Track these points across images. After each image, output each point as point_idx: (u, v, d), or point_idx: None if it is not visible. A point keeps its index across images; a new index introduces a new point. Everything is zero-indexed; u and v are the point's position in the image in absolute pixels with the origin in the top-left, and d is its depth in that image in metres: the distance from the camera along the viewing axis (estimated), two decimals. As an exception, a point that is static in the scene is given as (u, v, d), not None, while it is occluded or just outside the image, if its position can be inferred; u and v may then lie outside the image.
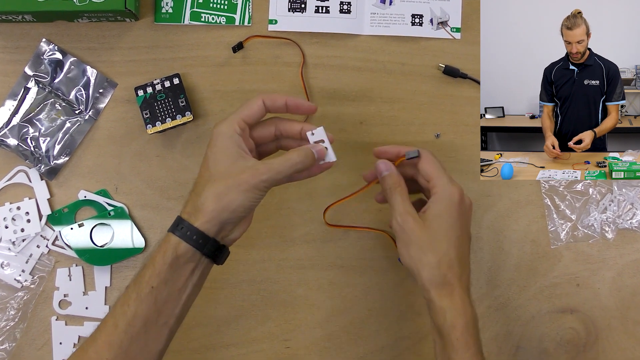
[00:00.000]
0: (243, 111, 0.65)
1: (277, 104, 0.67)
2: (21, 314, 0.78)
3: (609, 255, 0.82)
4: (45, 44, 0.79)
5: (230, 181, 0.61)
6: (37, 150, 0.78)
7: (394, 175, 0.68)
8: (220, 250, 0.63)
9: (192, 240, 0.61)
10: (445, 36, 0.82)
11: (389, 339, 0.81)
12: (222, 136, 0.63)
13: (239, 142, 0.64)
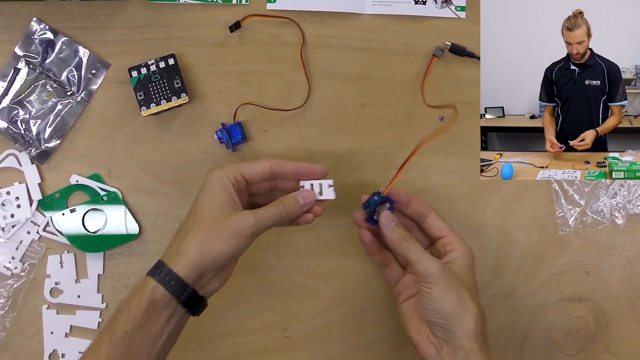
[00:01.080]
0: (245, 167, 0.65)
1: (286, 170, 0.67)
2: (11, 302, 0.76)
3: (619, 241, 0.81)
4: (35, 23, 0.77)
5: (215, 227, 0.61)
6: (27, 133, 0.76)
7: (400, 226, 0.67)
8: (197, 301, 0.62)
9: (170, 286, 0.60)
10: (450, 15, 0.79)
11: (391, 329, 0.79)
12: (214, 182, 0.64)
13: (231, 191, 0.64)
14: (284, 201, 0.65)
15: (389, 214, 0.67)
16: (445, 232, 0.67)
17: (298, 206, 0.65)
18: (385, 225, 0.67)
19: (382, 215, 0.67)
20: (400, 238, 0.65)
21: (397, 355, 0.79)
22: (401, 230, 0.66)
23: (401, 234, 0.66)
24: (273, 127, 0.78)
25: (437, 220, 0.68)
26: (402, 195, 0.69)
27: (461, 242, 0.66)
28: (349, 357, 0.79)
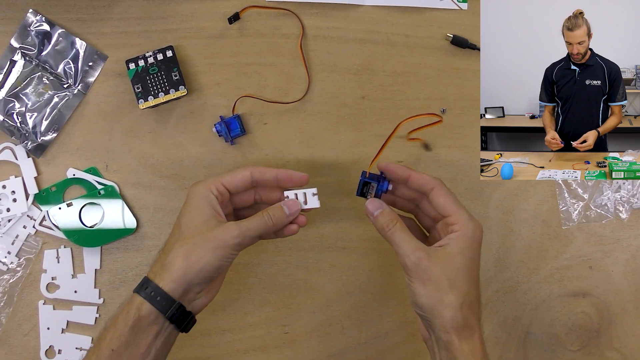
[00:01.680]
0: (226, 177, 0.65)
1: (266, 177, 0.66)
2: (7, 297, 0.75)
3: (623, 236, 0.80)
4: (32, 14, 0.76)
5: (199, 239, 0.61)
6: (23, 126, 0.75)
7: (387, 212, 0.64)
8: (185, 316, 0.61)
9: (156, 301, 0.59)
10: (451, 6, 0.79)
11: (392, 324, 0.78)
12: (196, 196, 0.63)
13: (214, 203, 0.63)
14: (269, 211, 0.64)
15: (374, 201, 0.65)
16: (448, 211, 0.63)
17: (283, 215, 0.65)
18: (370, 213, 0.64)
19: (367, 203, 0.65)
20: (384, 226, 0.63)
21: (398, 351, 0.78)
22: (386, 218, 0.63)
23: (385, 222, 0.63)
24: (272, 120, 0.77)
25: (439, 198, 0.63)
26: (398, 170, 0.65)
27: (462, 224, 0.62)
28: (349, 352, 0.78)
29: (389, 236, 0.63)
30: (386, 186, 0.66)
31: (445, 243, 0.62)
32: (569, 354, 0.80)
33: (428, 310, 0.60)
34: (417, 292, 0.60)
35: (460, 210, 0.63)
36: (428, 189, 0.64)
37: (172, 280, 0.60)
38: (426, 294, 0.60)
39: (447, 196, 0.64)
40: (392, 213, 0.64)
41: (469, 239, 0.62)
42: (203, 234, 0.61)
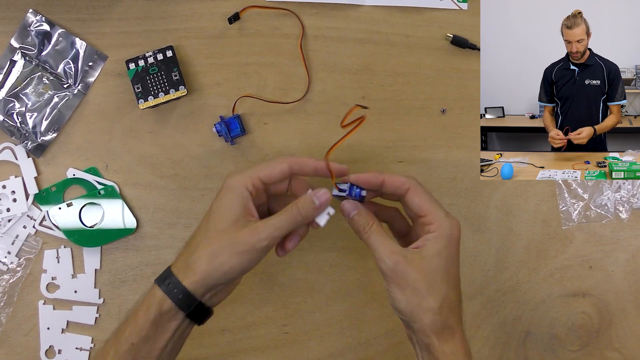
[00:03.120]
0: (263, 170, 0.61)
1: (305, 170, 0.63)
2: (7, 297, 0.75)
3: (623, 236, 0.80)
4: (32, 14, 0.76)
5: (226, 241, 0.59)
6: (23, 126, 0.75)
7: (364, 214, 0.62)
8: (204, 312, 0.61)
9: (178, 299, 0.58)
10: (451, 6, 0.79)
11: (392, 324, 0.78)
12: (230, 191, 0.60)
13: (247, 200, 0.60)
14: (298, 204, 0.61)
15: (349, 203, 0.62)
16: (424, 211, 0.61)
17: (313, 207, 0.61)
18: (346, 214, 0.62)
19: (342, 204, 0.63)
20: (359, 228, 0.62)
21: (397, 351, 0.78)
22: (362, 220, 0.61)
23: (361, 224, 0.61)
24: (272, 120, 0.77)
25: (414, 199, 0.61)
26: (370, 179, 0.63)
27: (439, 223, 0.60)
28: (349, 352, 0.78)
29: (365, 239, 0.61)
30: (358, 195, 0.63)
31: (422, 245, 0.60)
32: (569, 354, 0.80)
33: (407, 314, 0.59)
34: (395, 297, 0.59)
35: (436, 209, 0.61)
36: (403, 190, 0.62)
37: (195, 282, 0.58)
38: (404, 299, 0.59)
39: (422, 195, 0.62)
40: (368, 215, 0.62)
41: (446, 238, 0.60)
42: (231, 236, 0.59)
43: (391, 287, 0.59)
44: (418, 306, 0.58)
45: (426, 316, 0.58)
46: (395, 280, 0.59)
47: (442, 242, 0.60)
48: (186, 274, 0.59)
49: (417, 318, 0.59)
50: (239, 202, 0.60)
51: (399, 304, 0.59)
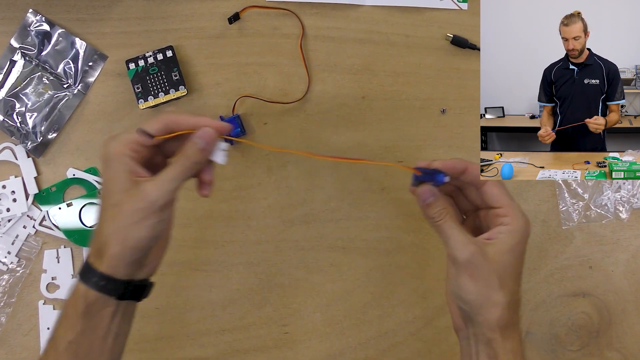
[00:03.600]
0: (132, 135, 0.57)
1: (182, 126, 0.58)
2: (7, 297, 0.75)
3: (623, 236, 0.80)
4: (32, 14, 0.76)
5: (122, 214, 0.55)
6: (23, 126, 0.75)
7: (439, 202, 0.60)
8: (139, 288, 0.58)
9: (100, 287, 0.55)
10: (451, 6, 0.78)
11: (392, 324, 0.78)
12: (111, 162, 0.56)
13: (130, 165, 0.56)
14: (185, 151, 0.56)
15: (427, 190, 0.61)
16: (501, 203, 0.61)
17: (199, 149, 0.57)
18: (422, 201, 0.61)
19: (419, 191, 0.61)
20: (434, 215, 0.60)
21: (398, 351, 0.78)
22: (438, 207, 0.60)
23: (436, 212, 0.60)
24: (272, 120, 0.77)
25: (492, 189, 0.61)
26: (457, 165, 0.62)
27: (515, 218, 0.60)
28: (349, 352, 0.78)
29: (439, 225, 0.60)
30: (442, 180, 0.62)
31: (494, 237, 0.59)
32: (569, 354, 0.80)
33: (475, 306, 0.58)
34: (466, 287, 0.58)
35: (513, 203, 0.61)
36: (483, 180, 0.62)
37: (111, 264, 0.55)
38: (475, 291, 0.58)
39: (500, 187, 0.62)
40: (444, 203, 0.61)
41: (520, 235, 0.59)
42: (124, 207, 0.55)
43: (463, 278, 0.58)
44: (488, 299, 0.58)
45: (495, 310, 0.57)
46: (469, 270, 0.58)
47: (516, 237, 0.59)
48: (101, 260, 0.55)
49: (486, 311, 0.58)
50: (122, 170, 0.55)
51: (468, 295, 0.58)
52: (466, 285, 0.58)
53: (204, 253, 0.77)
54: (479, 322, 0.58)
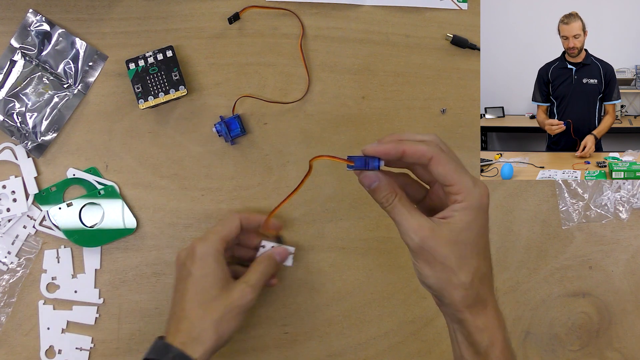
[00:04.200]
0: (223, 231, 0.69)
1: (253, 225, 0.72)
2: (7, 297, 0.75)
3: (623, 236, 0.80)
4: (32, 14, 0.76)
5: (224, 308, 0.65)
6: (23, 126, 0.75)
7: (385, 185, 0.58)
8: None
9: None
10: (451, 6, 0.78)
11: (392, 324, 0.78)
12: (209, 258, 0.66)
13: (224, 264, 0.67)
14: (265, 262, 0.70)
15: (368, 175, 0.58)
16: (449, 181, 0.56)
17: (275, 264, 0.71)
18: (366, 187, 0.58)
19: (360, 177, 0.58)
20: (382, 201, 0.58)
21: (397, 351, 0.78)
22: (383, 193, 0.57)
23: (383, 196, 0.57)
24: (272, 120, 0.77)
25: (437, 168, 0.56)
26: (391, 151, 0.56)
27: (467, 194, 0.56)
28: (349, 352, 0.78)
29: (389, 211, 0.58)
30: (376, 166, 0.58)
31: (449, 215, 0.56)
32: (569, 354, 0.80)
33: (437, 290, 0.57)
34: (424, 273, 0.56)
35: (462, 178, 0.56)
36: (426, 160, 0.56)
37: (205, 352, 0.63)
38: (433, 275, 0.56)
39: (446, 164, 0.56)
40: (389, 186, 0.58)
41: (475, 209, 0.56)
42: (226, 302, 0.65)
43: (419, 263, 0.57)
44: (448, 282, 0.56)
45: (457, 292, 0.56)
46: (423, 256, 0.56)
47: (471, 213, 0.56)
48: (194, 348, 0.62)
49: (448, 294, 0.56)
50: (220, 268, 0.66)
51: (427, 280, 0.57)
52: (423, 270, 0.56)
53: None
54: (446, 304, 0.57)
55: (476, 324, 0.57)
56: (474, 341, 0.57)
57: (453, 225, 0.55)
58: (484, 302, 0.57)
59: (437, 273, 0.56)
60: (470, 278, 0.56)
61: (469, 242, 0.56)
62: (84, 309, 0.76)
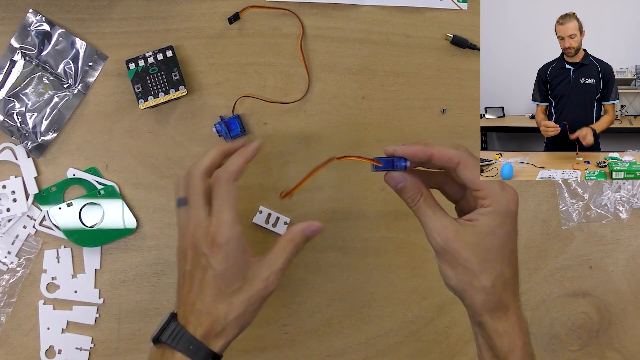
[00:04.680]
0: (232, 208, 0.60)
1: None
2: (7, 297, 0.75)
3: (623, 236, 0.80)
4: (32, 14, 0.76)
5: (248, 301, 0.60)
6: (23, 126, 0.75)
7: (410, 186, 0.58)
8: None
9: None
10: (451, 6, 0.79)
11: (392, 324, 0.78)
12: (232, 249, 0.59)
13: (245, 246, 0.60)
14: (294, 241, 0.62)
15: (394, 176, 0.59)
16: (476, 186, 0.56)
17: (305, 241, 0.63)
18: (393, 187, 0.59)
19: (387, 178, 0.59)
20: (408, 201, 0.58)
21: (397, 351, 0.78)
22: (409, 193, 0.58)
23: (409, 196, 0.58)
24: (272, 120, 0.77)
25: (465, 173, 0.57)
26: (418, 153, 0.58)
27: (494, 199, 0.56)
28: (349, 352, 0.78)
29: (416, 210, 0.58)
30: (402, 166, 0.59)
31: (475, 219, 0.56)
32: (569, 353, 0.80)
33: (458, 291, 0.57)
34: (446, 274, 0.57)
35: (490, 183, 0.57)
36: (453, 164, 0.57)
37: (226, 344, 0.60)
38: (455, 277, 0.56)
39: (474, 169, 0.57)
40: (415, 185, 0.58)
41: (502, 215, 0.56)
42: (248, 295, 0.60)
43: (442, 264, 0.57)
44: (469, 285, 0.56)
45: (478, 295, 0.56)
46: (446, 257, 0.56)
47: (498, 218, 0.56)
48: (216, 342, 0.59)
49: (468, 296, 0.56)
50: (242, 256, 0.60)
51: (449, 281, 0.57)
52: (446, 271, 0.57)
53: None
54: (467, 305, 0.58)
55: (496, 328, 0.57)
56: (494, 345, 0.57)
57: (478, 229, 0.56)
58: (506, 307, 0.57)
59: (459, 275, 0.56)
60: (491, 282, 0.56)
61: (493, 247, 0.56)
62: (84, 309, 0.76)
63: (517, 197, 0.57)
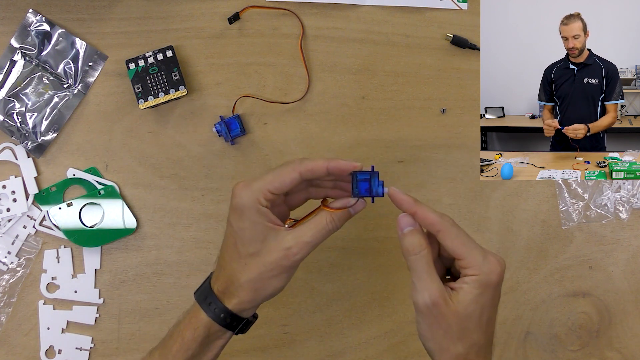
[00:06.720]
0: (273, 182, 0.58)
1: (317, 174, 0.58)
2: (7, 297, 0.75)
3: (623, 236, 0.80)
4: (32, 14, 0.76)
5: (263, 267, 0.58)
6: (23, 126, 0.75)
7: (417, 235, 0.57)
8: (249, 324, 0.63)
9: (226, 323, 0.60)
10: (451, 6, 0.78)
11: (392, 324, 0.78)
12: (247, 211, 0.57)
13: (267, 214, 0.58)
14: (333, 216, 0.59)
15: (406, 217, 0.57)
16: (458, 255, 0.56)
17: (348, 217, 0.60)
18: (400, 229, 0.58)
19: (401, 216, 0.58)
20: (410, 248, 0.57)
21: (397, 351, 0.78)
22: (415, 240, 0.57)
23: (413, 244, 0.57)
24: (272, 120, 0.77)
25: (445, 241, 0.56)
26: (403, 203, 0.57)
27: (477, 267, 0.56)
28: (349, 352, 0.78)
29: (412, 261, 0.57)
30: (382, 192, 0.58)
31: (459, 287, 0.56)
32: (569, 353, 0.80)
33: (431, 351, 0.58)
34: (424, 334, 0.57)
35: (472, 253, 0.56)
36: (434, 230, 0.57)
37: (241, 307, 0.60)
38: (432, 339, 0.56)
39: (455, 238, 0.56)
40: (422, 237, 0.57)
41: (483, 285, 0.56)
42: (266, 260, 0.58)
43: (422, 322, 0.57)
44: (445, 349, 0.56)
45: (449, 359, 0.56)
46: (427, 319, 0.56)
47: (479, 289, 0.56)
48: (230, 300, 0.59)
49: (439, 357, 0.57)
50: (260, 220, 0.58)
51: (426, 341, 0.57)
52: (424, 331, 0.57)
53: (204, 253, 0.77)
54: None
55: None
56: None
57: (461, 296, 0.56)
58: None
59: (437, 337, 0.56)
60: (466, 350, 0.56)
61: (473, 316, 0.56)
62: (84, 309, 0.76)
63: (500, 268, 0.57)
